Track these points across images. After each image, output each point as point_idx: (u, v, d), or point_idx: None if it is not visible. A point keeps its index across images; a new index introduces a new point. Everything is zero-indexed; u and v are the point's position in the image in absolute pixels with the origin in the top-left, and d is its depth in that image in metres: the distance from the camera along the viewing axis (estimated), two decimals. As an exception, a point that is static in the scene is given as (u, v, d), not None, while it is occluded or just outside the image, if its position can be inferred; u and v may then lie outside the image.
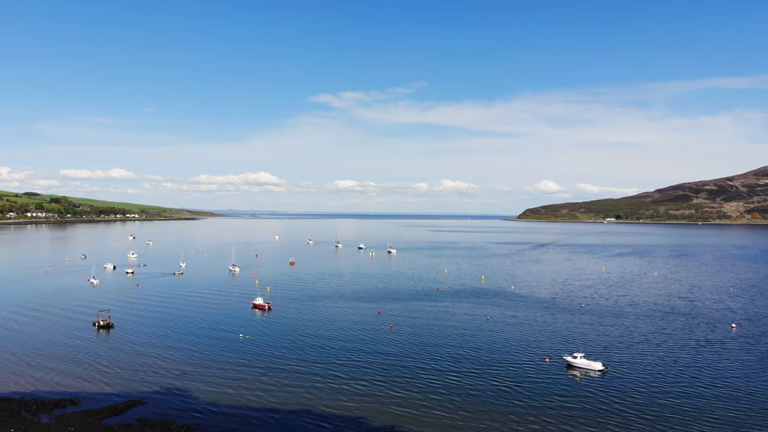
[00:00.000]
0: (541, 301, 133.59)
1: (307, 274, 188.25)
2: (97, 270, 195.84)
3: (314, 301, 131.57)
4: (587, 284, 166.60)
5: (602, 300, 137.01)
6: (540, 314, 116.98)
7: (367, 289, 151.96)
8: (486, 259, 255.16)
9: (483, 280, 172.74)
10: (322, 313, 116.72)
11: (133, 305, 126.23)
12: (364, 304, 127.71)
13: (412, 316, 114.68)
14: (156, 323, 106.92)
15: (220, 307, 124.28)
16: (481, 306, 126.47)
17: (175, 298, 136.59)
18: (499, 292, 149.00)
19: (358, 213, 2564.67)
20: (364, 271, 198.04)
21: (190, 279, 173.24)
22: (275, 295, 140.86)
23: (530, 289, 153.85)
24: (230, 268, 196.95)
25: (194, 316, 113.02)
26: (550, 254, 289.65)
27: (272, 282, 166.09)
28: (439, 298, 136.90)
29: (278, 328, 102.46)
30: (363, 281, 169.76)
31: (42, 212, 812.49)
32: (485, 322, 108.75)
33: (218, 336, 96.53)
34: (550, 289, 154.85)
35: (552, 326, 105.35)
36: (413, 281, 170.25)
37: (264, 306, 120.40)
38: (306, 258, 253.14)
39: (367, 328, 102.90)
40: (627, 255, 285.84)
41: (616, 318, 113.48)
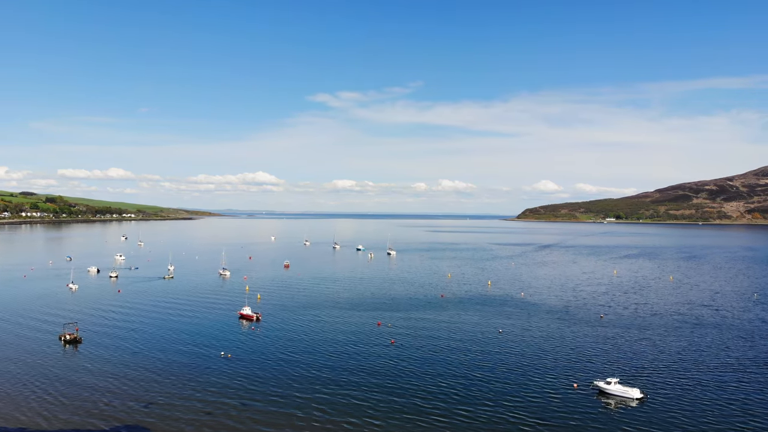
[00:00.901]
0: (554, 311, 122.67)
1: (302, 278, 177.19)
2: (80, 273, 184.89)
3: (307, 310, 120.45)
4: (601, 290, 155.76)
5: (621, 309, 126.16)
6: (556, 326, 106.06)
7: (365, 296, 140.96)
8: (489, 261, 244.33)
9: (489, 286, 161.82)
10: (315, 325, 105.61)
11: (109, 315, 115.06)
12: (362, 314, 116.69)
13: (416, 328, 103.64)
14: (129, 337, 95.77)
15: (204, 317, 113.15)
16: (491, 316, 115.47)
17: (156, 306, 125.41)
18: (507, 299, 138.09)
19: (357, 213, 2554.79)
20: (362, 275, 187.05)
21: (177, 284, 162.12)
22: (265, 303, 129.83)
23: (541, 296, 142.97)
24: (220, 272, 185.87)
25: (173, 329, 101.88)
26: (555, 256, 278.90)
27: (264, 287, 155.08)
28: (445, 307, 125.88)
29: (265, 344, 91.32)
30: (361, 287, 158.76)
31: (37, 212, 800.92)
32: (497, 336, 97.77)
33: (196, 353, 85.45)
34: (562, 296, 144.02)
35: (572, 341, 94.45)
36: (415, 287, 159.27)
37: (252, 316, 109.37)
38: (302, 260, 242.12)
39: (365, 343, 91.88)
40: (635, 257, 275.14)
41: (640, 331, 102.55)
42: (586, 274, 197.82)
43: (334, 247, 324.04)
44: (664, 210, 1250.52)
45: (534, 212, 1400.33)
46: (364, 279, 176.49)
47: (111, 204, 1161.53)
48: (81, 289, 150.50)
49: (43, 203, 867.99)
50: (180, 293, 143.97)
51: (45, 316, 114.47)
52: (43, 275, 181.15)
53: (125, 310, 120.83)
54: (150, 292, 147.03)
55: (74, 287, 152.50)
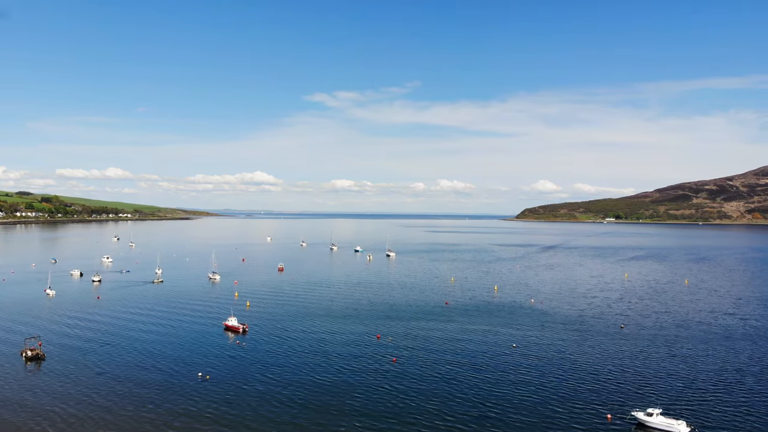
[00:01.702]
0: (569, 320, 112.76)
1: (296, 283, 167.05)
2: (62, 277, 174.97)
3: (299, 321, 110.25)
4: (614, 296, 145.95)
5: (640, 318, 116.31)
6: (574, 340, 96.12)
7: (363, 304, 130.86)
8: (493, 264, 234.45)
9: (496, 291, 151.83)
10: (306, 339, 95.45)
11: (82, 326, 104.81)
12: (359, 325, 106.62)
13: (419, 342, 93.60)
14: (99, 353, 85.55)
15: (186, 329, 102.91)
16: (501, 327, 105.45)
17: (135, 316, 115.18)
18: (517, 307, 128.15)
19: (355, 213, 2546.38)
20: (360, 279, 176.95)
21: (161, 290, 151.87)
22: (254, 311, 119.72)
23: (552, 303, 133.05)
24: (210, 276, 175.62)
25: (149, 343, 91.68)
26: (559, 258, 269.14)
27: (255, 293, 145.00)
28: (450, 316, 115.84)
29: (248, 362, 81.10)
30: (359, 293, 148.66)
31: (32, 212, 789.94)
32: (511, 351, 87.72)
33: (171, 373, 75.29)
34: (575, 303, 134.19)
35: (595, 358, 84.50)
36: (416, 292, 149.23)
37: (237, 328, 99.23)
38: (297, 263, 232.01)
39: (362, 362, 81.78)
40: (643, 259, 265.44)
41: (668, 346, 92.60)
42: (594, 277, 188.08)
43: (331, 248, 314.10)
44: (664, 210, 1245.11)
45: (533, 212, 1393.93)
46: (361, 284, 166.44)
47: (107, 204, 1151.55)
48: (59, 295, 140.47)
49: (39, 203, 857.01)
50: (163, 300, 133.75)
51: (13, 325, 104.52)
52: (23, 279, 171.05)
53: (101, 319, 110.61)
54: (132, 298, 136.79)
55: (51, 293, 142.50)
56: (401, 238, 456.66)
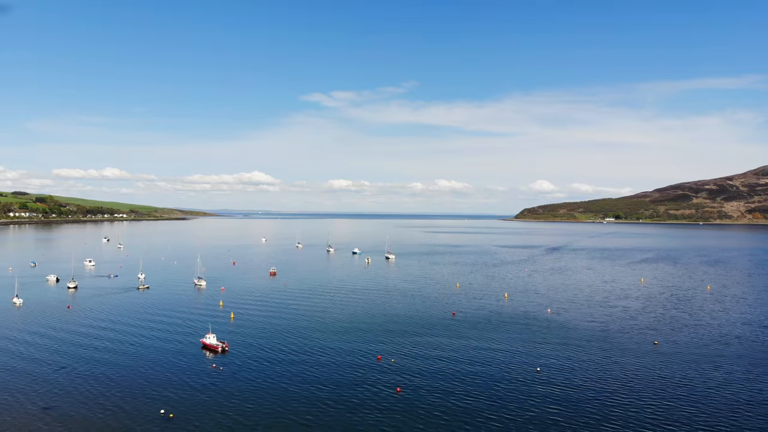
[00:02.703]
0: (594, 335, 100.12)
1: (288, 290, 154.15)
2: (37, 283, 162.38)
3: (288, 337, 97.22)
4: (636, 305, 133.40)
5: (671, 331, 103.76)
6: (605, 360, 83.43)
7: (361, 315, 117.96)
8: (498, 267, 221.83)
9: (506, 299, 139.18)
10: (295, 361, 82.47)
11: (38, 345, 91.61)
12: (356, 342, 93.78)
13: (427, 364, 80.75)
14: (49, 381, 72.38)
15: (157, 348, 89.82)
16: (519, 345, 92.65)
17: (102, 331, 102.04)
18: (532, 318, 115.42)
19: (353, 213, 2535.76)
20: (358, 286, 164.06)
21: (140, 299, 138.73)
22: (239, 324, 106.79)
23: (570, 314, 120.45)
24: (195, 281, 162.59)
25: (112, 367, 78.55)
26: (566, 260, 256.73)
27: (242, 302, 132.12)
28: (459, 331, 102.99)
29: (225, 393, 67.91)
30: (357, 302, 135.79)
31: (26, 212, 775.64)
32: (534, 377, 74.94)
33: (129, 410, 62.26)
34: (595, 314, 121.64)
35: (635, 385, 71.64)
36: (420, 301, 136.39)
37: (216, 347, 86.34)
38: (291, 266, 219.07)
39: (361, 392, 68.91)
40: (655, 262, 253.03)
41: (715, 368, 79.81)
42: (608, 283, 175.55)
43: (328, 250, 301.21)
44: (664, 210, 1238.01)
45: (532, 212, 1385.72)
46: (359, 290, 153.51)
47: (102, 204, 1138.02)
48: (26, 305, 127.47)
49: (33, 203, 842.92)
50: (138, 311, 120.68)
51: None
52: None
53: (62, 336, 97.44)
54: (105, 309, 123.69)
55: (18, 302, 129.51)
56: (400, 239, 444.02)
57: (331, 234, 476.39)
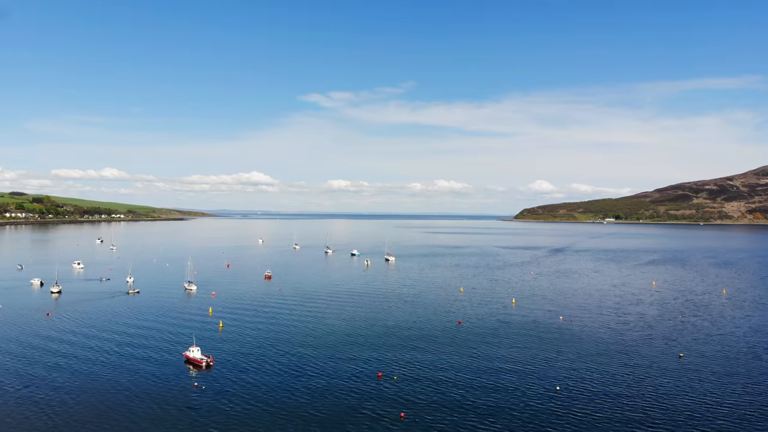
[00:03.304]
0: (612, 346, 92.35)
1: (283, 294, 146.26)
2: (20, 287, 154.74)
3: (280, 349, 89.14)
4: (652, 312, 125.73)
5: (694, 342, 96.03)
6: (629, 376, 75.62)
7: (360, 323, 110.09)
8: (502, 270, 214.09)
9: (514, 305, 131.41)
10: (287, 379, 74.44)
11: (6, 355, 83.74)
12: (355, 355, 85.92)
13: (433, 383, 72.84)
14: (8, 404, 64.67)
15: (135, 363, 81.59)
16: (533, 360, 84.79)
17: (78, 341, 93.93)
18: (543, 327, 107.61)
19: (352, 213, 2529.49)
20: (357, 290, 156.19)
21: (124, 305, 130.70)
22: (227, 334, 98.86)
23: (583, 321, 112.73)
24: (185, 286, 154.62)
25: (77, 393, 70.53)
26: (571, 263, 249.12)
27: (233, 308, 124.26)
28: (466, 342, 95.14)
29: (203, 422, 60.14)
30: (355, 308, 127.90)
31: (22, 212, 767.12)
32: (555, 397, 67.04)
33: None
34: (609, 321, 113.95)
35: (667, 406, 63.80)
36: (423, 308, 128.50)
37: (201, 362, 78.42)
38: (288, 268, 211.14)
39: (360, 418, 60.99)
40: (663, 264, 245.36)
41: (751, 384, 72.08)
42: (618, 287, 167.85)
43: (326, 251, 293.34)
44: (664, 210, 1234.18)
45: (532, 212, 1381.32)
46: (358, 295, 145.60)
47: (100, 204, 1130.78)
48: (3, 311, 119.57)
49: (30, 203, 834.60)
50: (121, 320, 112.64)
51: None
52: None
53: (32, 352, 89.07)
54: (86, 317, 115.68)
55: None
56: (400, 239, 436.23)
57: (330, 235, 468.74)
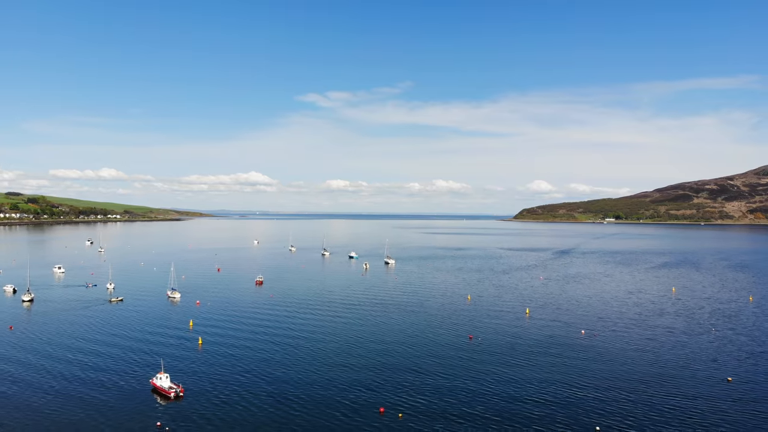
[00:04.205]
0: (646, 368, 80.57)
1: (274, 303, 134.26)
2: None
3: (264, 376, 76.92)
4: (679, 325, 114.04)
5: (739, 362, 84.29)
6: (675, 407, 63.83)
7: (358, 343, 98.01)
8: (509, 275, 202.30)
9: (528, 316, 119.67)
10: (270, 414, 62.50)
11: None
12: (353, 385, 73.83)
13: (446, 419, 61.26)
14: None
15: (96, 390, 69.52)
16: (562, 386, 72.96)
17: (38, 360, 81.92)
18: (564, 343, 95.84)
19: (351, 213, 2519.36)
20: (354, 298, 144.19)
21: (98, 317, 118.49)
22: (205, 354, 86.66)
23: (607, 336, 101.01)
24: (168, 293, 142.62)
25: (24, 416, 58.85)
26: (579, 266, 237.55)
27: (216, 320, 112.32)
28: (480, 363, 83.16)
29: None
30: (353, 323, 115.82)
31: (17, 212, 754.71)
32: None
33: None
34: (634, 336, 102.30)
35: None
36: (428, 319, 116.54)
37: (169, 392, 66.59)
38: (281, 273, 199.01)
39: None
40: (675, 267, 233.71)
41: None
42: (634, 294, 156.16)
43: (322, 254, 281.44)
44: (665, 210, 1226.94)
45: (531, 212, 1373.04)
46: (356, 305, 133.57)
47: (96, 204, 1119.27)
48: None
49: (25, 204, 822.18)
50: (90, 335, 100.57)
51: None
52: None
53: (-17, 371, 77.66)
54: (53, 330, 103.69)
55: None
56: (399, 241, 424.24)
57: (327, 236, 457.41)
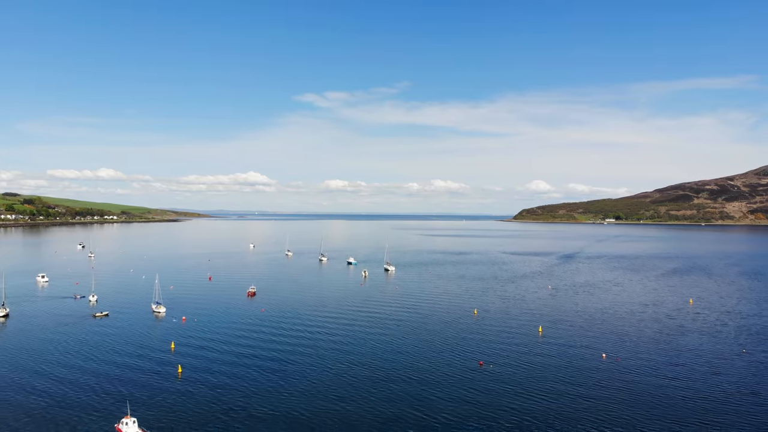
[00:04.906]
0: (683, 405, 71.14)
1: (265, 319, 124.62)
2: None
3: (250, 416, 68.02)
4: (705, 345, 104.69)
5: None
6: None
7: (354, 369, 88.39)
8: (514, 284, 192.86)
9: (541, 335, 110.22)
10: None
11: None
12: (351, 425, 64.79)
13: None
14: None
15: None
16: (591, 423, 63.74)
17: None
18: (585, 367, 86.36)
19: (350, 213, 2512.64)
20: (352, 315, 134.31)
21: (77, 336, 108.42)
22: (185, 385, 76.78)
23: (631, 362, 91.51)
24: (153, 307, 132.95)
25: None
26: (587, 273, 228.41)
27: (203, 340, 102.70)
28: (496, 396, 73.43)
29: None
30: (349, 343, 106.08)
31: (12, 214, 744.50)
32: None
33: None
34: (659, 361, 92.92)
35: None
36: (432, 338, 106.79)
37: (134, 443, 57.61)
38: (276, 282, 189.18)
39: None
40: (685, 273, 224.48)
41: None
42: (649, 307, 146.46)
43: (320, 259, 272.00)
44: (665, 210, 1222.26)
45: (531, 213, 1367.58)
46: (354, 323, 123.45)
47: (92, 205, 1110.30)
48: None
49: (20, 205, 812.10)
50: (66, 357, 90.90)
51: None
52: None
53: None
54: (18, 356, 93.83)
55: None
56: (398, 243, 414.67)
57: (326, 238, 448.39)
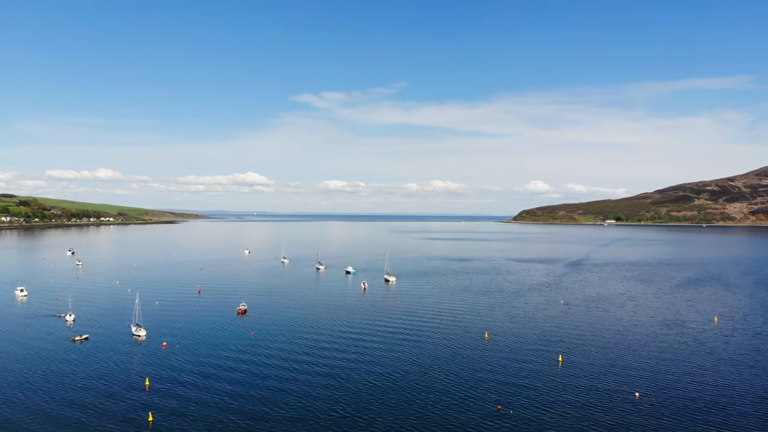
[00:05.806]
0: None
1: (255, 344, 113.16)
2: None
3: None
4: (742, 375, 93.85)
5: None
6: None
7: (353, 408, 77.73)
8: (523, 298, 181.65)
9: (561, 365, 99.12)
10: None
11: None
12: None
13: None
14: None
15: None
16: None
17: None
18: (616, 411, 75.30)
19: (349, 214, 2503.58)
20: (349, 338, 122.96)
21: (48, 366, 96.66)
22: None
23: (665, 398, 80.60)
24: (133, 330, 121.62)
25: None
26: (598, 284, 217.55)
27: (181, 373, 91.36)
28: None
29: None
30: (344, 379, 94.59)
31: (7, 216, 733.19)
32: None
33: None
34: (696, 397, 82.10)
35: None
36: (442, 377, 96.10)
37: None
38: (268, 297, 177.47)
39: None
40: (701, 285, 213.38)
41: None
42: (672, 327, 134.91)
43: (317, 268, 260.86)
44: (666, 211, 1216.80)
45: (531, 213, 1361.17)
46: (351, 349, 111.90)
47: (89, 206, 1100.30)
48: None
49: (15, 206, 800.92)
50: (18, 397, 79.73)
51: None
52: None
53: None
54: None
55: None
56: (398, 248, 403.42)
57: (324, 242, 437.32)
